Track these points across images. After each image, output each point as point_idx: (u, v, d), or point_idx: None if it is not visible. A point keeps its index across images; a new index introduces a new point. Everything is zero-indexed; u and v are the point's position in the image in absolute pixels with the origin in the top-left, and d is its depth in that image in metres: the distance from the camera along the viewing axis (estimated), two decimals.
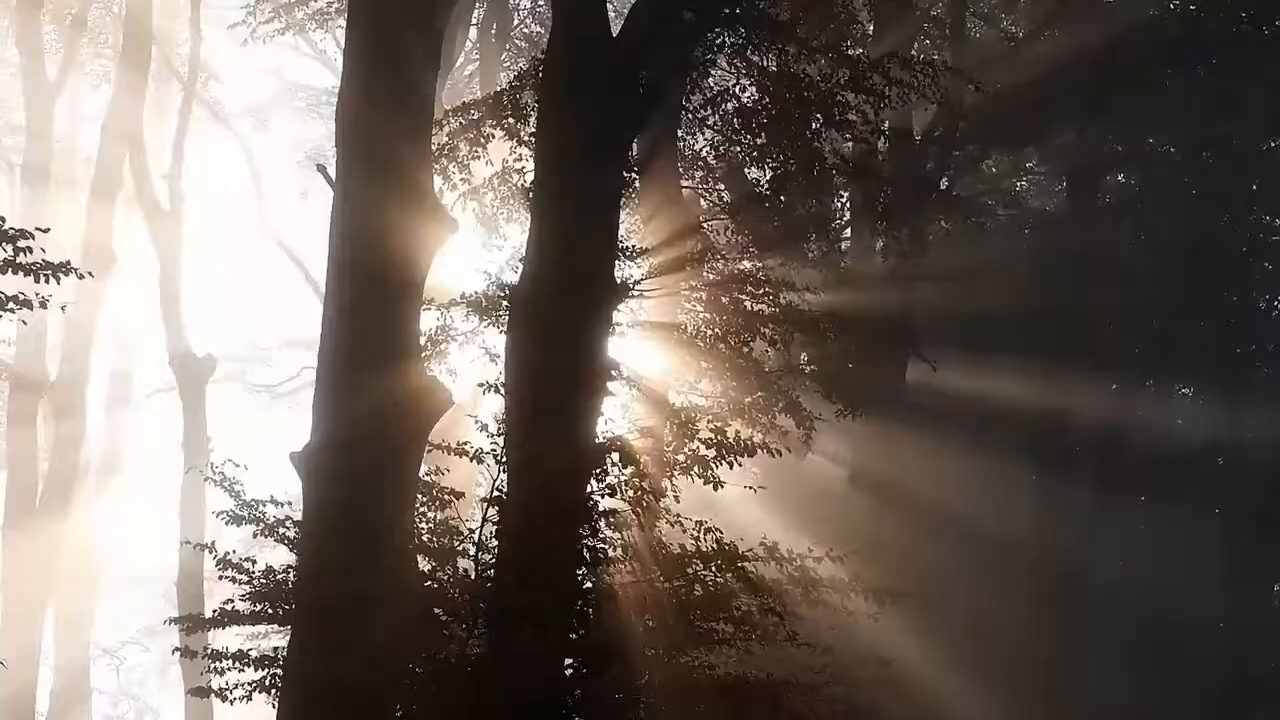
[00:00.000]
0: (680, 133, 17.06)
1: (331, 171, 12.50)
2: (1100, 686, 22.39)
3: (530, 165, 16.60)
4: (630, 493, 12.64)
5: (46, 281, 10.21)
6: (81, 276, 10.65)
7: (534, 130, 14.98)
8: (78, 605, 30.93)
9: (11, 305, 10.25)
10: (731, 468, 13.16)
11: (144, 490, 39.22)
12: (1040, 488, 24.18)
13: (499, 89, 16.57)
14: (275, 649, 13.80)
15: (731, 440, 13.08)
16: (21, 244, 10.03)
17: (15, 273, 10.00)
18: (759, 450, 12.96)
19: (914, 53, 20.32)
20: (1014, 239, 25.14)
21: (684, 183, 17.43)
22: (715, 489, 13.01)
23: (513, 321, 13.15)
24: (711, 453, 13.01)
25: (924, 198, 19.34)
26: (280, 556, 15.98)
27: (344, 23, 30.84)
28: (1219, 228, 24.58)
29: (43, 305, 10.42)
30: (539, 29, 31.04)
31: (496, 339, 14.77)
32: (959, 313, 22.40)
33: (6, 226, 10.01)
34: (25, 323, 12.86)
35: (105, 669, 39.17)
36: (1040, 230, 26.13)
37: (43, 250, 10.15)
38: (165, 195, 29.54)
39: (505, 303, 13.87)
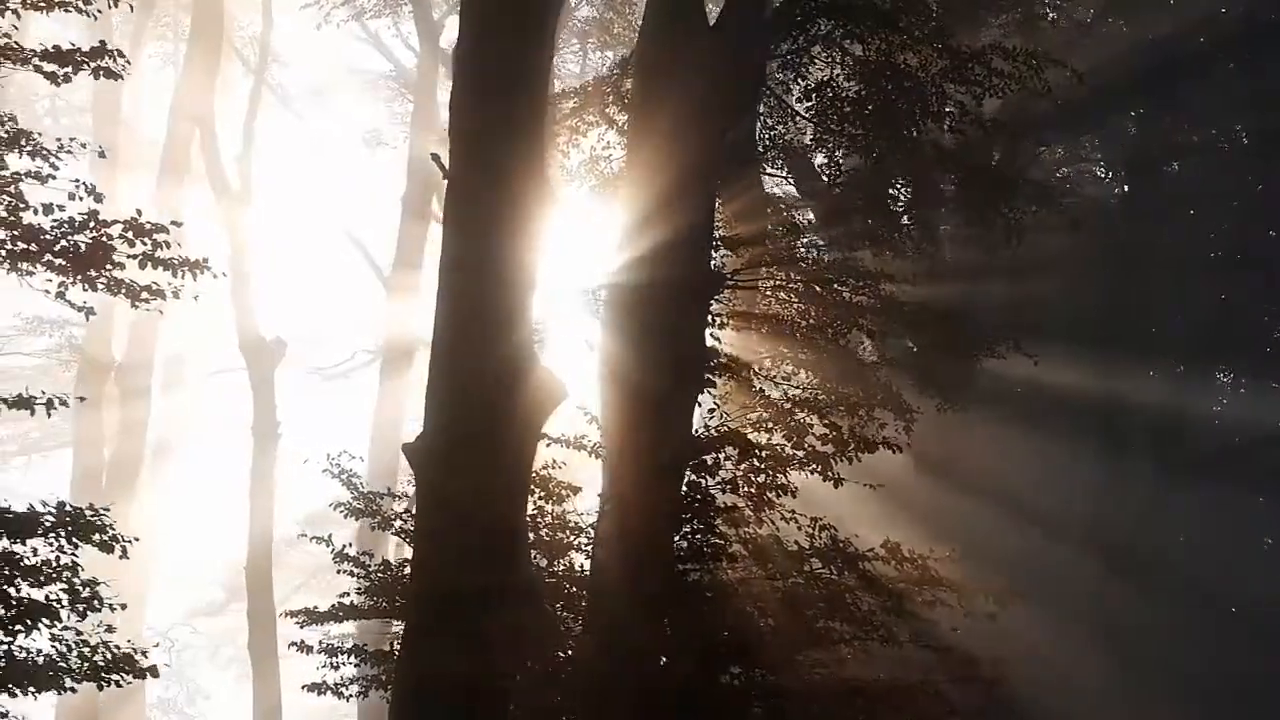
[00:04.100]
0: (772, 122, 16.85)
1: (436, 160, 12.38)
2: (1184, 671, 22.23)
3: (621, 152, 16.44)
4: (746, 488, 12.47)
5: (182, 276, 10.14)
6: (216, 276, 10.53)
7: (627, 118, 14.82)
8: (134, 587, 30.94)
9: (145, 295, 10.18)
10: (851, 463, 12.95)
11: (206, 472, 39.40)
12: (1103, 475, 24.07)
13: (599, 76, 16.43)
14: (391, 645, 13.68)
15: (848, 436, 12.85)
16: (158, 237, 9.96)
17: (155, 268, 9.93)
18: (879, 446, 12.76)
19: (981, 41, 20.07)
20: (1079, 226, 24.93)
21: (778, 173, 17.26)
22: (835, 486, 12.80)
23: (608, 311, 13.00)
24: (830, 449, 12.79)
25: (1012, 187, 19.07)
26: (346, 537, 15.70)
27: (410, 8, 30.86)
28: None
29: (175, 296, 10.35)
30: (593, 12, 30.68)
31: (593, 328, 14.63)
32: (1022, 300, 22.27)
33: (143, 220, 9.94)
34: (162, 313, 12.76)
35: (158, 651, 39.30)
36: (1102, 218, 25.90)
37: (178, 245, 10.08)
38: (235, 177, 29.43)
39: (601, 292, 13.72)
